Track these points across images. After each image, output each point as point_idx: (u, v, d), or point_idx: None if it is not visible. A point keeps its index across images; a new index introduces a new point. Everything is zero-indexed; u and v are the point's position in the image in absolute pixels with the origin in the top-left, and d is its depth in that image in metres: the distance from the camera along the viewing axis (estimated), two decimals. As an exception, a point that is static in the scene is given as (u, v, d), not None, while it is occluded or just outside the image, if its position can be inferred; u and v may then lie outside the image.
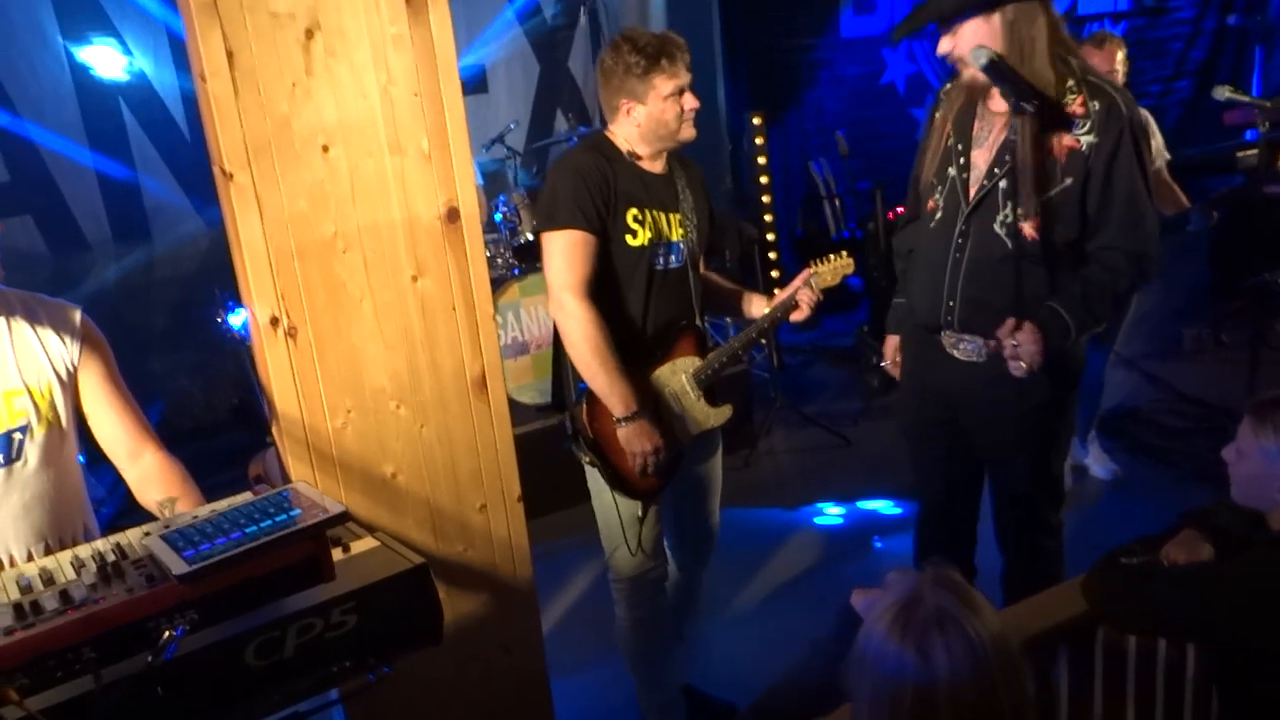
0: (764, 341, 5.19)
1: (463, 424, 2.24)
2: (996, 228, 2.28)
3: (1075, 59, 2.25)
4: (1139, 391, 4.90)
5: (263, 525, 1.43)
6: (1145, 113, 3.72)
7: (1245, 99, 3.42)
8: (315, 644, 1.48)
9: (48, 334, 1.95)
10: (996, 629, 1.25)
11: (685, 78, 2.40)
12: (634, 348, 2.46)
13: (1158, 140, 3.73)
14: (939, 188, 2.40)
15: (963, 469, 2.60)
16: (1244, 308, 4.97)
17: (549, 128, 6.24)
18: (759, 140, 5.68)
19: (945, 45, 2.25)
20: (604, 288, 2.41)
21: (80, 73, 4.97)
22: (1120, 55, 3.62)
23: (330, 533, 1.56)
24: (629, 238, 2.45)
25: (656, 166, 2.50)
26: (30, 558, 1.75)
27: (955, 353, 2.44)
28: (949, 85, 2.44)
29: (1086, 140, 2.18)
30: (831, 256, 2.71)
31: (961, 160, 2.35)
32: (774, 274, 5.92)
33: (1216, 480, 3.80)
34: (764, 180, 5.82)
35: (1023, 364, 2.20)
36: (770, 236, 5.86)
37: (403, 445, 2.17)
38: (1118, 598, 1.84)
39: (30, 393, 1.89)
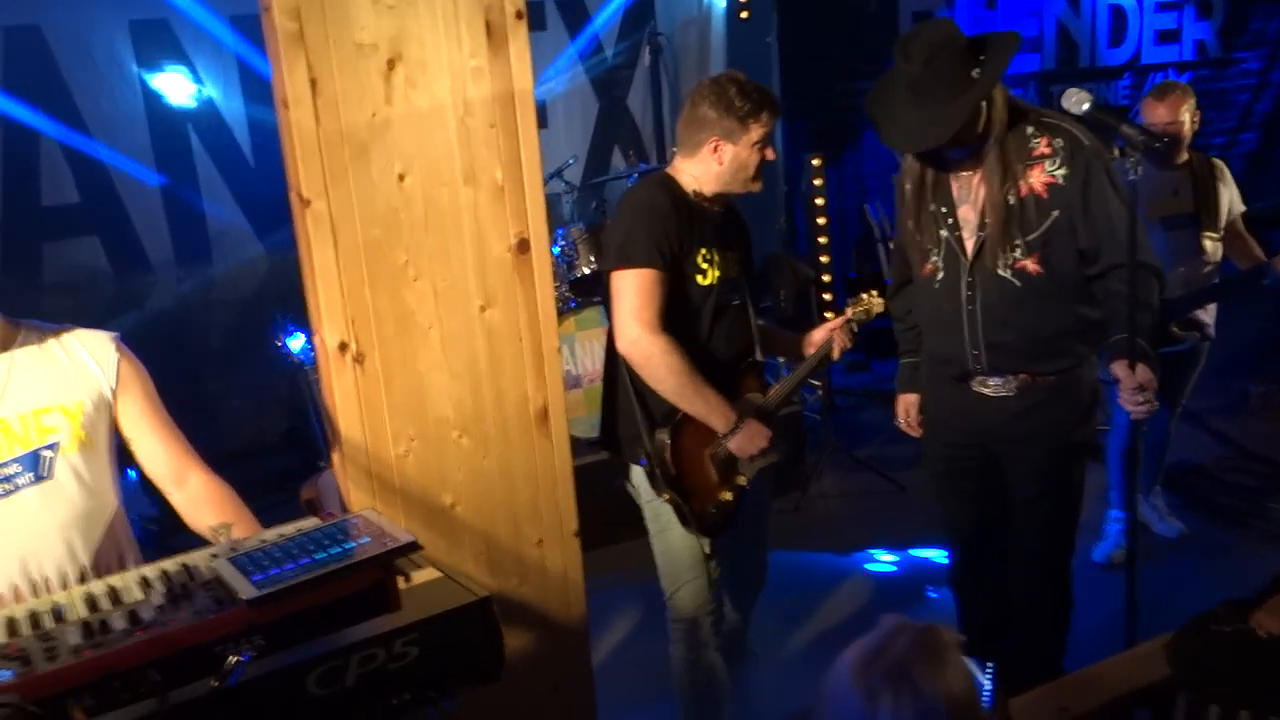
0: (818, 384, 5.17)
1: (524, 456, 2.22)
2: (1001, 271, 2.37)
3: (1027, 109, 2.41)
4: (1205, 448, 4.77)
5: (332, 552, 1.42)
6: (1220, 163, 3.66)
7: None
8: (377, 675, 1.45)
9: (82, 357, 1.92)
10: (958, 691, 1.24)
11: (771, 131, 2.46)
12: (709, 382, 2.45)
13: (1234, 191, 3.65)
14: (934, 250, 2.48)
15: (993, 505, 2.63)
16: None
17: (606, 164, 6.28)
18: (817, 182, 5.67)
19: (940, 148, 2.38)
20: (672, 327, 2.39)
21: (152, 99, 5.10)
22: (1187, 105, 3.54)
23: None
24: (699, 277, 2.45)
25: (716, 207, 2.51)
26: (72, 578, 1.75)
27: (984, 390, 2.50)
28: (907, 159, 2.53)
29: (1060, 173, 2.32)
30: (864, 296, 2.81)
31: (950, 221, 2.44)
32: (828, 315, 5.88)
33: (1288, 542, 3.70)
34: (821, 221, 5.80)
35: (1147, 401, 2.32)
36: (826, 277, 5.82)
37: (463, 476, 2.16)
38: (1209, 665, 1.77)
39: (61, 410, 1.86)
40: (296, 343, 3.67)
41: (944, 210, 2.46)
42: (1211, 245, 3.57)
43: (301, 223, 1.97)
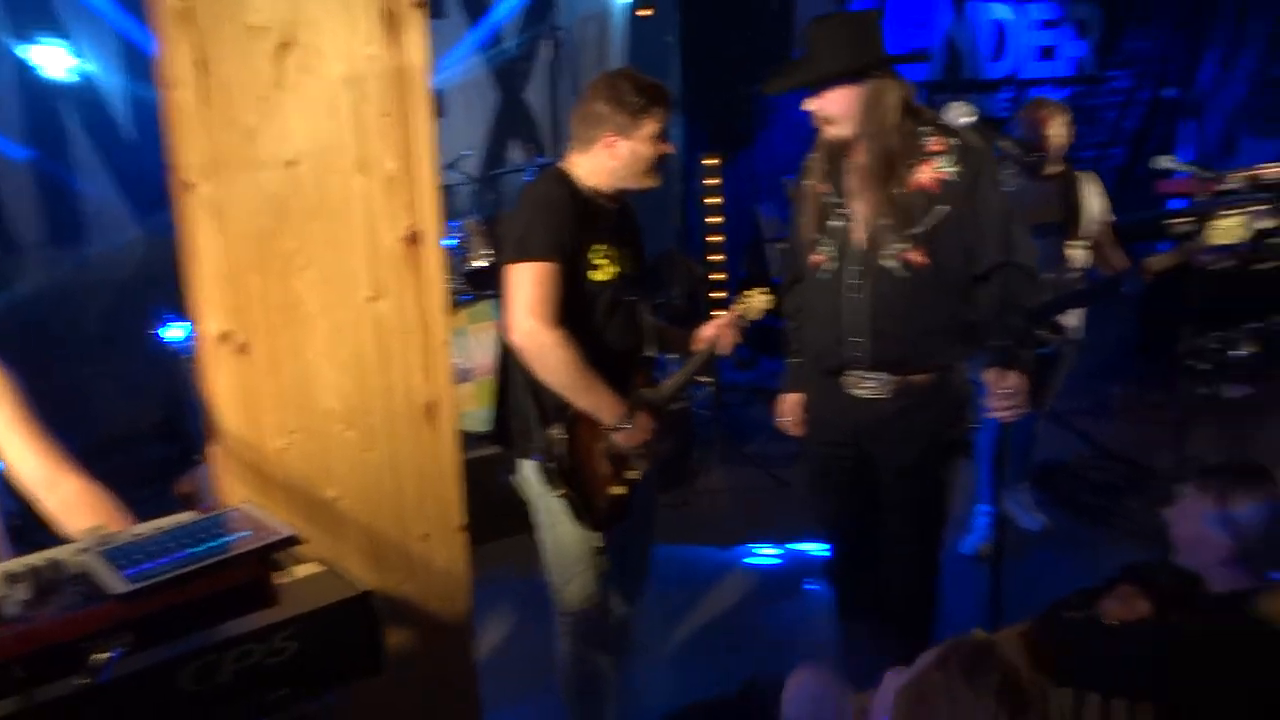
0: (707, 381, 5.25)
1: (411, 450, 2.21)
2: (888, 262, 2.45)
3: (922, 111, 2.50)
4: (1070, 447, 5.02)
5: (207, 545, 1.39)
6: (1091, 175, 3.87)
7: (1186, 168, 3.55)
8: (253, 671, 1.43)
9: None
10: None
11: (666, 126, 2.49)
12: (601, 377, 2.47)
13: (1104, 202, 3.86)
14: (823, 241, 2.56)
15: (867, 503, 2.72)
16: (1171, 370, 5.14)
17: (504, 157, 6.24)
18: (712, 181, 5.75)
19: (812, 104, 2.46)
20: (567, 322, 2.41)
21: (26, 72, 4.84)
22: (1060, 120, 3.71)
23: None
24: (594, 273, 2.47)
25: (612, 203, 2.53)
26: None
27: (859, 391, 2.57)
28: (811, 156, 2.62)
29: (951, 170, 2.41)
30: (751, 293, 2.86)
31: (841, 210, 2.52)
32: (719, 312, 5.96)
33: (1142, 536, 3.93)
34: (714, 221, 5.89)
35: (1016, 406, 2.41)
36: (717, 276, 5.91)
37: (347, 469, 2.13)
38: (1061, 651, 1.88)
39: None
40: (174, 331, 3.55)
41: (837, 200, 2.54)
42: (1077, 253, 3.77)
43: (184, 207, 1.91)
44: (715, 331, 2.75)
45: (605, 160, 2.46)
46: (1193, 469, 1.83)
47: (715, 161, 5.70)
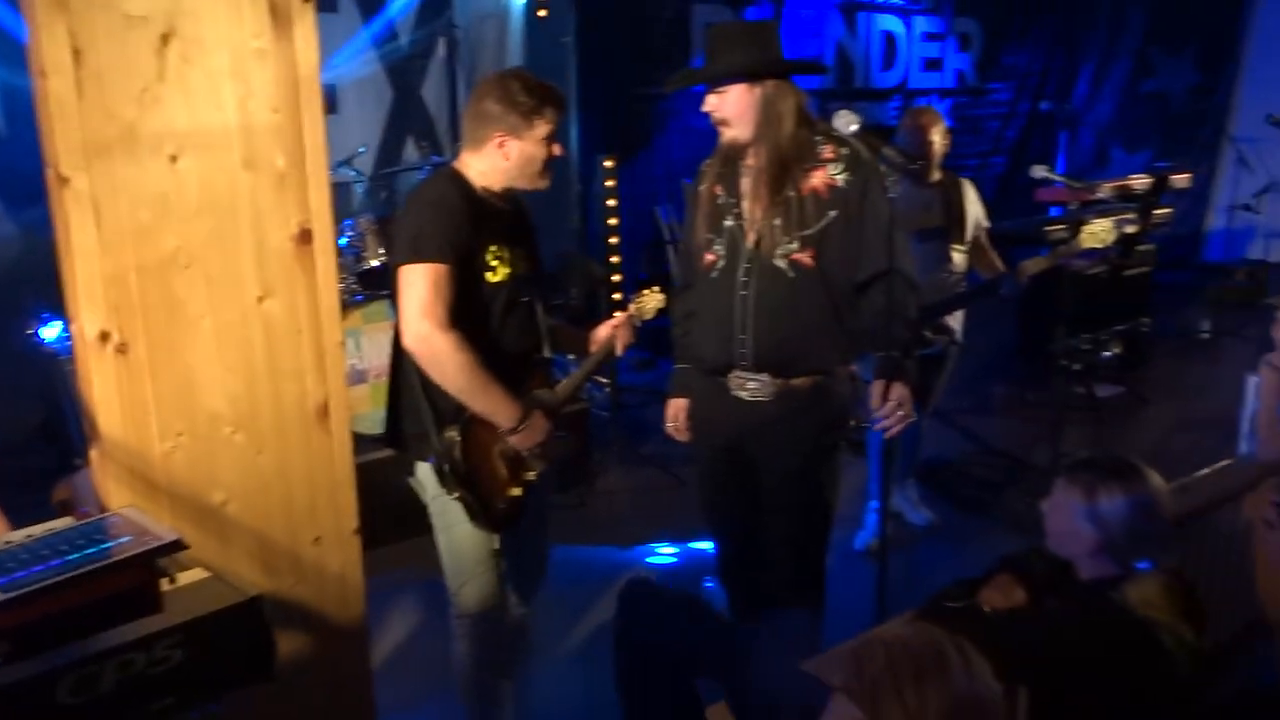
0: (605, 382, 5.28)
1: (302, 453, 2.17)
2: (778, 261, 2.52)
3: (816, 122, 2.58)
4: (954, 444, 5.21)
5: (87, 552, 1.35)
6: (968, 182, 4.02)
7: (1059, 178, 3.73)
8: (136, 680, 1.39)
9: None
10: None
11: (557, 127, 2.49)
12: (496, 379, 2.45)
13: (979, 209, 4.02)
14: (716, 240, 2.62)
15: (752, 504, 2.77)
16: (1047, 370, 5.38)
17: (398, 155, 6.15)
18: (610, 183, 5.78)
19: (711, 104, 2.52)
20: (461, 324, 2.39)
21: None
22: (938, 128, 3.85)
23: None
24: (489, 274, 2.45)
25: (505, 204, 2.53)
26: None
27: (743, 394, 2.62)
28: (707, 161, 2.69)
29: (842, 178, 2.50)
30: (645, 292, 2.90)
31: (735, 210, 2.58)
32: (617, 313, 6.00)
33: (1023, 528, 4.11)
34: (612, 222, 5.92)
35: (902, 418, 2.47)
36: (616, 277, 5.94)
37: (235, 473, 2.08)
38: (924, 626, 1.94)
39: None
40: (51, 331, 3.39)
41: (731, 200, 2.59)
42: (959, 257, 3.92)
43: (59, 202, 1.84)
44: (610, 332, 2.77)
45: (497, 160, 2.45)
46: (1066, 464, 1.92)
47: (612, 163, 5.73)
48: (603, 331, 2.79)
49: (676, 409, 2.89)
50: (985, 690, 1.26)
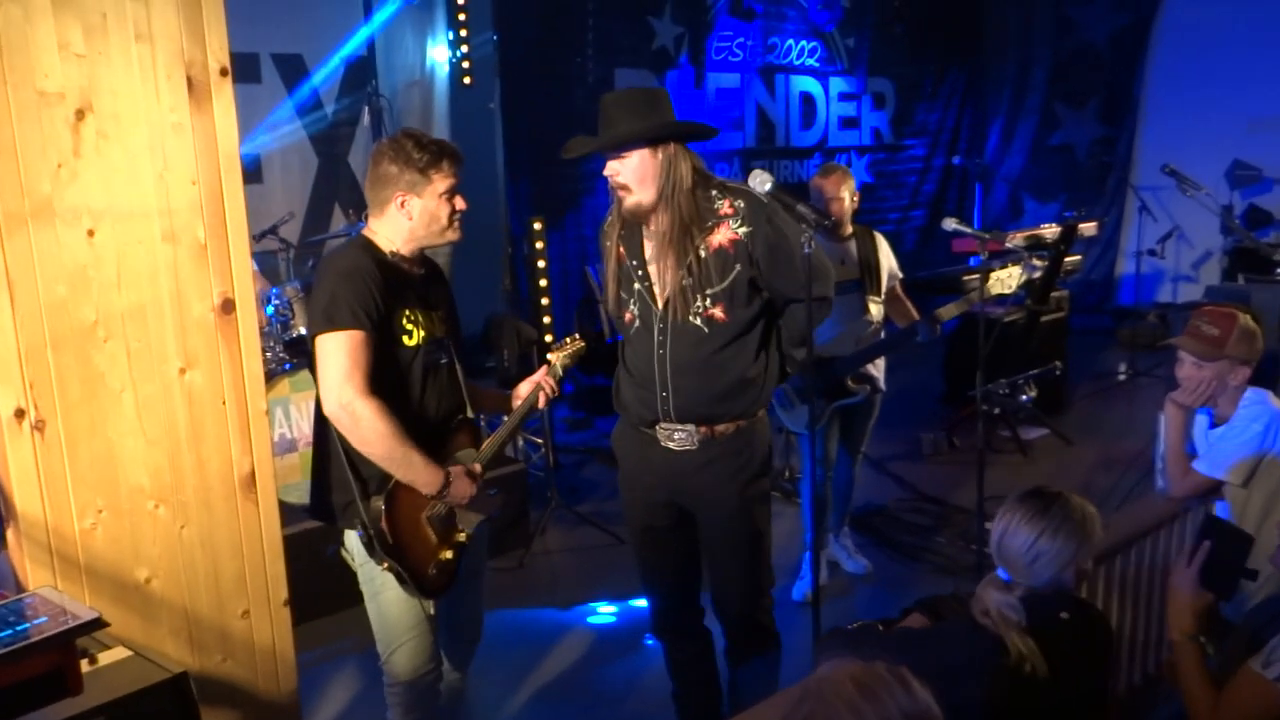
0: (539, 441, 5.28)
1: (228, 525, 2.14)
2: (691, 318, 2.60)
3: (710, 178, 2.66)
4: (886, 490, 5.29)
5: (2, 635, 1.31)
6: (880, 236, 4.16)
7: (969, 230, 3.87)
8: (55, 766, 1.36)
9: None
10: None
11: (458, 180, 2.51)
12: (420, 445, 2.44)
13: (892, 261, 4.15)
14: (629, 301, 2.69)
15: (686, 552, 2.82)
16: (971, 415, 5.52)
17: (326, 222, 6.15)
18: (539, 245, 5.84)
19: (612, 169, 2.58)
20: (381, 390, 2.38)
21: None
22: (847, 185, 3.98)
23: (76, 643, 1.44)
24: (405, 338, 2.46)
25: (416, 267, 2.55)
26: None
27: (671, 444, 2.67)
28: (608, 219, 2.76)
29: (743, 231, 2.57)
30: (567, 340, 2.95)
31: (640, 273, 2.65)
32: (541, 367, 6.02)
33: (954, 571, 4.18)
34: (543, 283, 5.96)
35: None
36: (549, 338, 5.97)
37: (160, 548, 2.04)
38: (831, 653, 1.98)
39: None
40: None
41: (636, 263, 2.65)
42: (875, 308, 4.03)
43: (-29, 279, 1.82)
44: (532, 387, 2.80)
45: (400, 221, 2.47)
46: (994, 507, 2.02)
47: (541, 225, 5.80)
48: (524, 387, 2.81)
49: None
50: (925, 705, 1.29)
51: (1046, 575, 1.93)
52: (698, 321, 2.58)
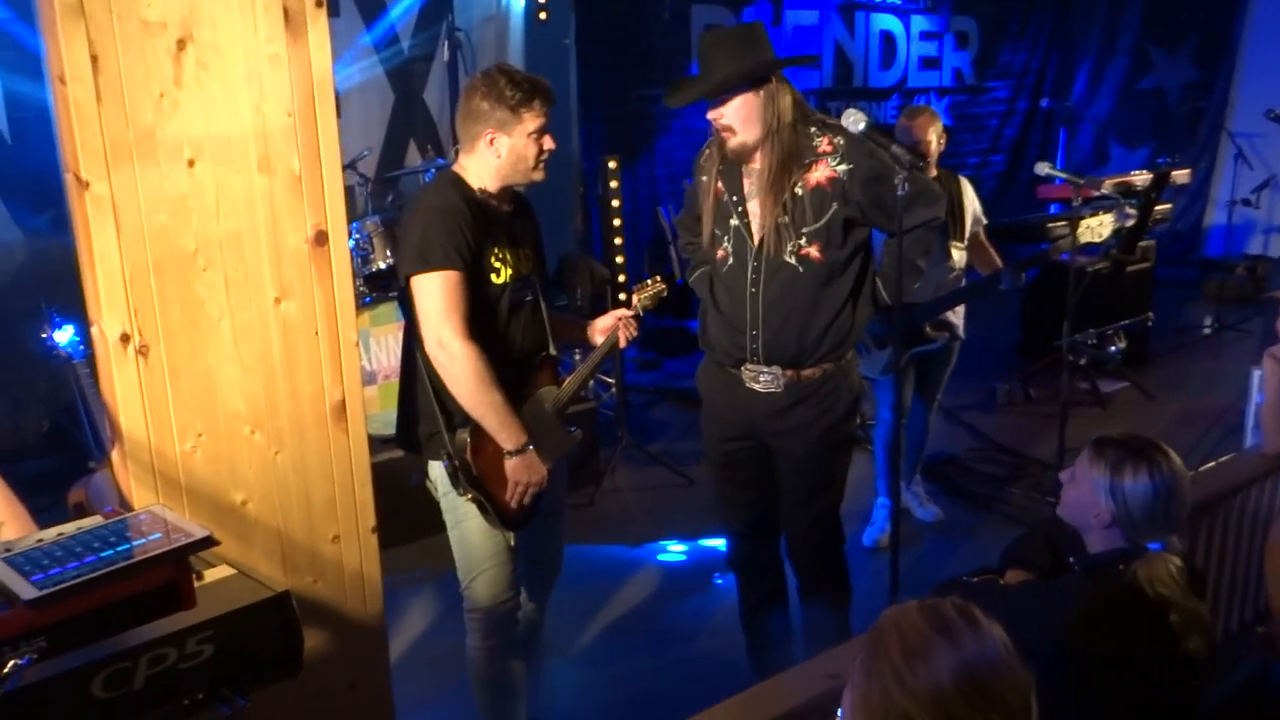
0: (611, 381, 5.30)
1: (319, 451, 2.19)
2: (787, 257, 2.56)
3: (811, 113, 2.62)
4: (958, 440, 5.23)
5: (120, 549, 1.37)
6: (965, 180, 4.05)
7: (1060, 174, 3.76)
8: (168, 675, 1.42)
9: None
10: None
11: (548, 120, 2.49)
12: (503, 381, 2.47)
13: (976, 206, 4.04)
14: (724, 237, 2.65)
15: (765, 490, 2.82)
16: (1050, 366, 5.41)
17: (402, 158, 6.18)
18: (613, 184, 5.80)
19: (715, 113, 2.55)
20: (472, 325, 2.41)
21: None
22: (934, 127, 3.86)
23: (184, 559, 1.49)
24: (494, 276, 2.48)
25: (505, 204, 2.55)
26: None
27: (756, 386, 2.66)
28: (705, 151, 2.72)
29: (842, 169, 2.53)
30: (648, 282, 2.94)
31: (740, 209, 2.62)
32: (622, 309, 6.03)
33: (1025, 522, 4.13)
34: (616, 223, 5.93)
35: None
36: (620, 278, 5.96)
37: (255, 472, 2.10)
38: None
39: None
40: (64, 335, 3.41)
41: (735, 199, 2.62)
42: (958, 254, 3.94)
43: (79, 206, 1.86)
44: (613, 322, 2.79)
45: (489, 159, 2.46)
46: (1093, 439, 1.95)
47: (615, 164, 5.75)
48: (605, 322, 2.81)
49: None
50: (998, 654, 1.28)
51: (1174, 526, 1.87)
52: (793, 260, 2.56)
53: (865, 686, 1.30)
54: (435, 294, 2.36)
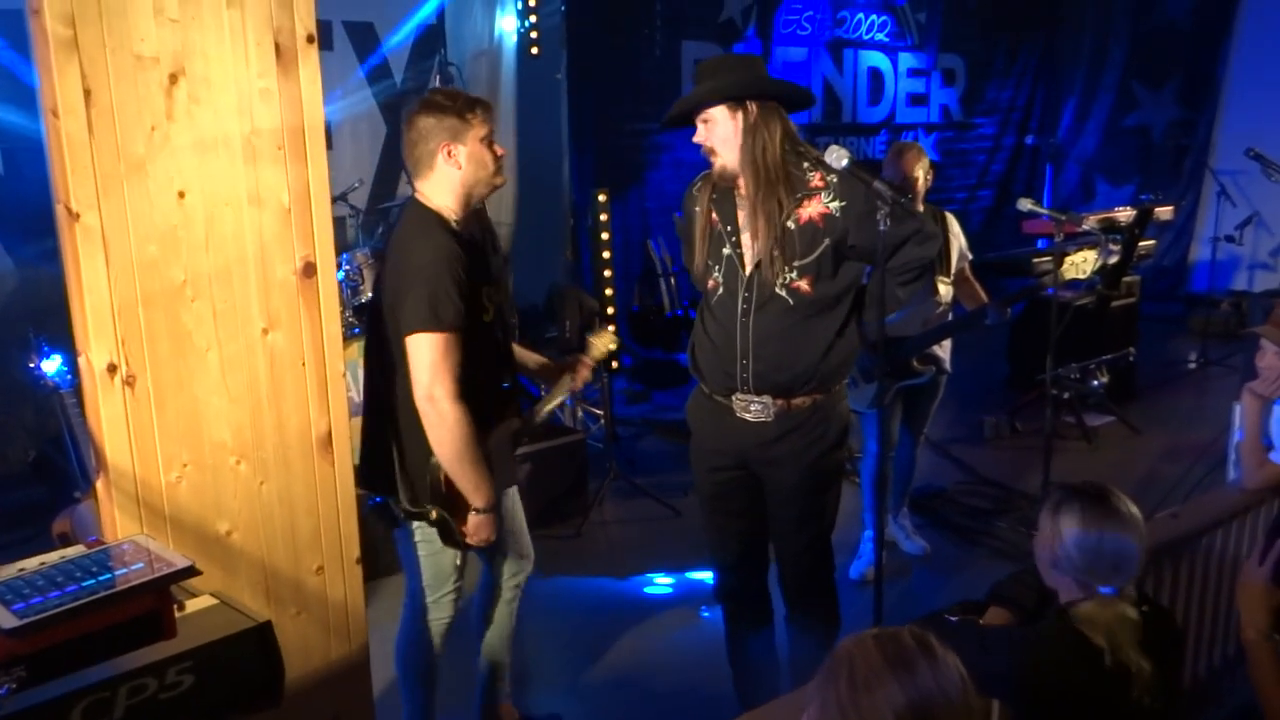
0: (599, 413, 5.31)
1: (304, 482, 2.20)
2: (777, 289, 2.58)
3: (804, 149, 2.62)
4: (945, 473, 5.24)
5: (101, 579, 1.37)
6: (951, 216, 4.09)
7: (1045, 211, 3.80)
8: (148, 705, 1.41)
9: None
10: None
11: (492, 128, 2.53)
12: (478, 413, 2.49)
13: (962, 241, 4.08)
14: (716, 267, 2.67)
15: (754, 521, 2.83)
16: (1037, 399, 5.43)
17: (393, 190, 6.22)
18: (603, 216, 5.84)
19: (700, 134, 2.58)
20: (464, 371, 2.44)
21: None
22: (921, 164, 3.90)
23: (167, 589, 1.50)
24: (484, 315, 2.51)
25: (475, 232, 2.59)
26: None
27: (746, 415, 2.67)
28: (697, 182, 2.75)
29: (835, 205, 2.55)
30: (599, 333, 3.04)
31: (733, 239, 2.64)
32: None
33: (1013, 557, 4.14)
34: (606, 255, 5.97)
35: None
36: (610, 310, 5.99)
37: (240, 503, 2.11)
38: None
39: None
40: (51, 364, 3.41)
41: (730, 229, 2.64)
42: (944, 289, 3.98)
43: (69, 237, 1.88)
44: (566, 370, 2.92)
45: (451, 172, 2.47)
46: (1056, 490, 1.96)
47: (605, 196, 5.80)
48: (562, 367, 2.95)
49: None
50: (952, 686, 1.29)
51: (1132, 573, 1.88)
52: (783, 293, 2.58)
53: (818, 717, 1.31)
54: (436, 354, 2.36)
